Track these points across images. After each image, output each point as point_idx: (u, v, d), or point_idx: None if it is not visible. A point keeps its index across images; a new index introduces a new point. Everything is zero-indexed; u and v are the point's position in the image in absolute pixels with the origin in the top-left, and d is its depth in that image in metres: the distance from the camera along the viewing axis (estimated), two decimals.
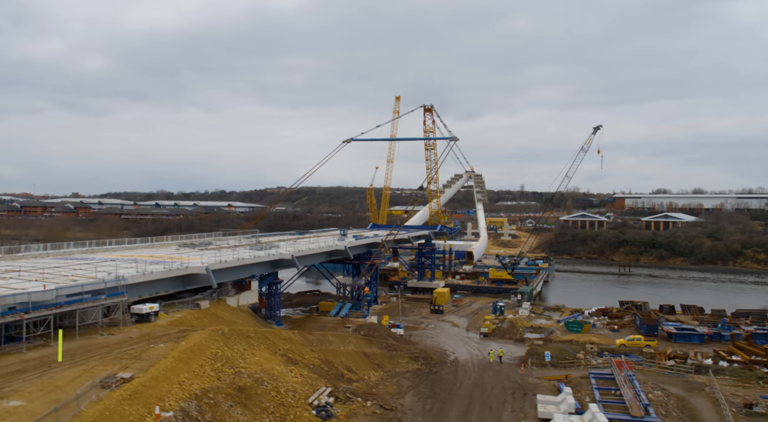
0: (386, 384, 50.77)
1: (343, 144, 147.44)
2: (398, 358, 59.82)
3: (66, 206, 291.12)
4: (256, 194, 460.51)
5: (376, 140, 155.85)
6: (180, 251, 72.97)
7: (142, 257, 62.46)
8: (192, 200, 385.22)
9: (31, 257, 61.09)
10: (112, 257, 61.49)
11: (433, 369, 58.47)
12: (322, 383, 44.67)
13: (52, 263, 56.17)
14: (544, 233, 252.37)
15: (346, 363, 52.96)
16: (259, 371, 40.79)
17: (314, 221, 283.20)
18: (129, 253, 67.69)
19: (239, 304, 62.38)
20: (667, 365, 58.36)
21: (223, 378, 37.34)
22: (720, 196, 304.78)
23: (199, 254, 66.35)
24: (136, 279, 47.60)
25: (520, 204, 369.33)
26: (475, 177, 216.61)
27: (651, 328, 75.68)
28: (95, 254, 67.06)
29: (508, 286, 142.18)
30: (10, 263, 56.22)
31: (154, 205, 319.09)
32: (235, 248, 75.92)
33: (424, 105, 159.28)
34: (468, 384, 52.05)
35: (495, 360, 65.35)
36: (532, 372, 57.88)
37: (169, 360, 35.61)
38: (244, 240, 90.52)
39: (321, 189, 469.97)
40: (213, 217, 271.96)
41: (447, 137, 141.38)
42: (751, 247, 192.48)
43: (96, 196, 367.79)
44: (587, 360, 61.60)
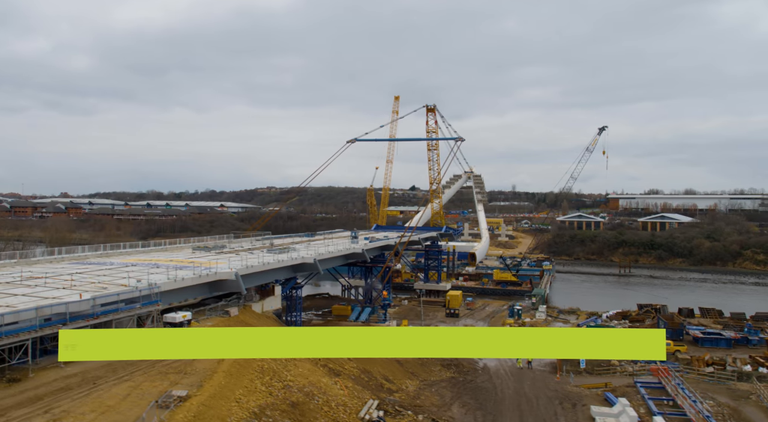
0: (426, 394, 48.88)
1: (348, 144, 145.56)
2: (430, 366, 57.99)
3: (57, 207, 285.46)
4: (247, 194, 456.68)
5: (379, 140, 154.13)
6: (196, 254, 70.58)
7: (162, 262, 60.10)
8: (182, 200, 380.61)
9: (46, 262, 58.41)
10: (132, 262, 59.02)
11: (467, 377, 56.69)
12: (367, 395, 42.69)
13: (72, 268, 53.57)
14: (541, 234, 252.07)
15: (382, 372, 51.04)
16: (306, 384, 38.72)
17: (308, 222, 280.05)
18: (145, 257, 65.14)
19: (263, 310, 60.13)
20: (706, 371, 57.05)
21: (274, 393, 35.22)
22: (713, 196, 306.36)
23: (223, 259, 64.00)
24: (169, 286, 45.25)
25: (513, 204, 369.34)
26: (474, 178, 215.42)
27: (676, 332, 74.42)
28: (110, 258, 64.47)
29: (513, 288, 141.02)
30: (26, 268, 53.52)
31: (146, 205, 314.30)
32: (251, 251, 73.71)
33: (426, 105, 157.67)
34: (510, 394, 50.31)
35: (523, 366, 63.91)
36: (569, 380, 56.30)
37: (221, 376, 33.42)
38: (256, 243, 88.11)
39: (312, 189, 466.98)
40: (206, 217, 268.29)
41: (453, 138, 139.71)
42: (749, 248, 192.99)
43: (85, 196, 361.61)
44: (623, 366, 60.09)
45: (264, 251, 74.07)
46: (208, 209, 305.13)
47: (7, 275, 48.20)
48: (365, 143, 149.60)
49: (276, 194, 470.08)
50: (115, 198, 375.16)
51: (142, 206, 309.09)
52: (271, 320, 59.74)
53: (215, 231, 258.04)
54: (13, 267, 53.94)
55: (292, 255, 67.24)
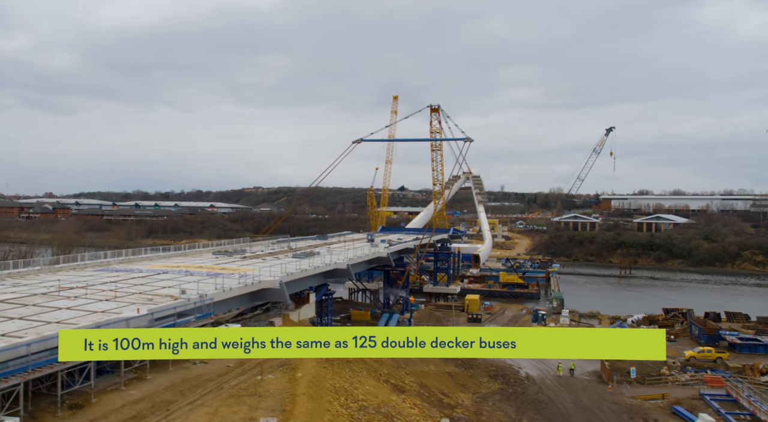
0: (486, 409, 46.31)
1: (354, 145, 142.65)
2: (478, 377, 55.44)
3: (44, 207, 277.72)
4: (234, 194, 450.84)
5: (385, 140, 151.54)
6: (220, 259, 67.27)
7: (192, 268, 56.87)
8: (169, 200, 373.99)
9: (70, 269, 54.77)
10: (161, 269, 55.62)
11: (516, 388, 54.28)
12: (436, 412, 40.02)
13: (100, 276, 50.11)
14: (537, 235, 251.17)
15: (438, 385, 48.40)
16: (379, 403, 35.93)
17: (301, 223, 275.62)
18: (170, 263, 61.73)
19: (300, 319, 57.17)
20: (761, 380, 55.23)
21: (356, 416, 32.40)
22: (704, 197, 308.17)
23: (252, 265, 60.86)
24: (218, 297, 42.13)
25: (504, 205, 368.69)
26: (474, 178, 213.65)
27: (712, 338, 72.73)
28: (132, 263, 60.92)
29: (520, 290, 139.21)
30: (51, 276, 49.94)
31: (134, 206, 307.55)
32: (276, 257, 70.61)
33: (431, 105, 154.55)
34: (571, 408, 47.97)
35: (564, 374, 61.88)
36: (623, 391, 54.09)
37: (304, 400, 30.45)
38: (275, 247, 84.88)
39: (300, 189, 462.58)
40: (197, 218, 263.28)
41: (461, 138, 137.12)
42: (748, 249, 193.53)
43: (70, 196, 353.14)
44: (674, 375, 58.10)
45: (288, 256, 71.07)
46: (198, 210, 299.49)
47: (38, 285, 44.66)
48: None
49: (264, 194, 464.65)
50: (100, 198, 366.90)
51: (131, 207, 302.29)
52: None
53: (207, 232, 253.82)
54: (37, 275, 50.30)
55: (325, 260, 64.34)
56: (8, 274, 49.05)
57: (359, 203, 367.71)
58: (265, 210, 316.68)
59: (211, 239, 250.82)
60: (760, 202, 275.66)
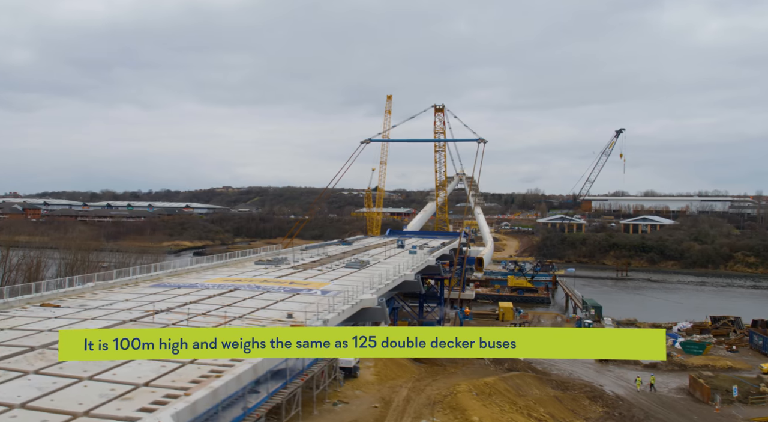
0: None
1: (362, 145, 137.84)
2: (580, 400, 50.96)
3: (13, 208, 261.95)
4: (204, 194, 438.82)
5: (394, 140, 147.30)
6: (270, 270, 61.05)
7: (256, 282, 50.79)
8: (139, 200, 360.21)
9: (123, 284, 48.03)
10: (227, 283, 49.26)
11: (621, 410, 50.04)
12: None
13: (171, 293, 43.65)
14: (525, 236, 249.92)
15: (554, 412, 43.70)
16: None
17: (282, 224, 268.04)
18: (220, 276, 55.26)
19: None
20: None
21: None
22: (683, 199, 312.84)
23: (321, 278, 55.06)
24: (334, 321, 36.44)
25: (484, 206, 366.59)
26: (468, 179, 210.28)
27: None
28: (181, 277, 54.41)
29: (530, 295, 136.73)
30: (108, 295, 43.30)
31: (106, 206, 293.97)
32: (332, 268, 64.81)
33: (435, 105, 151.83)
34: None
35: (643, 389, 58.53)
36: (732, 412, 50.52)
37: None
38: (312, 254, 78.86)
39: (273, 189, 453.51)
40: (176, 220, 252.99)
41: (474, 139, 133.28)
42: (739, 250, 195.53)
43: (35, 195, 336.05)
44: None
45: (340, 266, 65.45)
46: (175, 210, 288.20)
47: (108, 307, 38.07)
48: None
49: (235, 194, 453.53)
50: (66, 198, 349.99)
51: (103, 207, 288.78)
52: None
53: (187, 234, 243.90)
54: (95, 293, 43.53)
55: (379, 270, 58.98)
56: (63, 293, 42.16)
57: (335, 204, 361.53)
58: (244, 211, 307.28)
59: (193, 241, 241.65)
60: (738, 204, 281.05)
